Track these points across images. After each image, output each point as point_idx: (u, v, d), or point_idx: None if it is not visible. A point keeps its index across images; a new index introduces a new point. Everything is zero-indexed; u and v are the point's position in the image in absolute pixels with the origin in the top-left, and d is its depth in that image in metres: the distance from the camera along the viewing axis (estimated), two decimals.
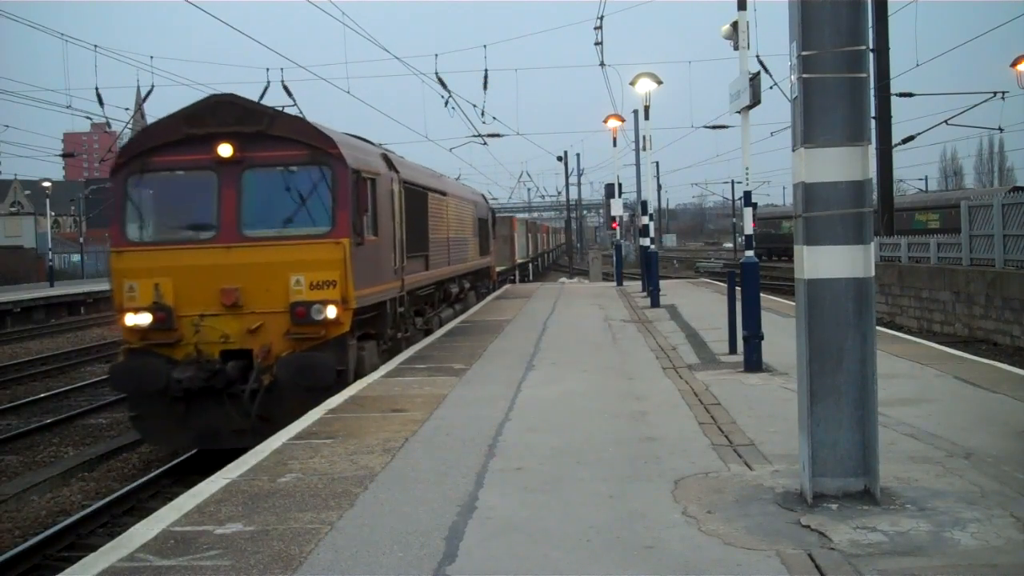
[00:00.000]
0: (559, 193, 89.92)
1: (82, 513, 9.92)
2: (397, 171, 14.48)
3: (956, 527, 5.33)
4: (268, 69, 26.18)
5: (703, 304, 21.56)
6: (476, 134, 35.49)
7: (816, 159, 5.82)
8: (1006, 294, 19.34)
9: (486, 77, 26.89)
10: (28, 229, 72.14)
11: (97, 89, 23.04)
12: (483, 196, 29.64)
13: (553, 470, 6.93)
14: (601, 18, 25.75)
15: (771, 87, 19.61)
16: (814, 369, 5.84)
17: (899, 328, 21.49)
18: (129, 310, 11.32)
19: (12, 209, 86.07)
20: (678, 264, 65.66)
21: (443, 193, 19.35)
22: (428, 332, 16.99)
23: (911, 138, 29.77)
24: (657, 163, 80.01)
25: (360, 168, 11.92)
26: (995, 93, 27.73)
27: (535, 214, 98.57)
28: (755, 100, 11.52)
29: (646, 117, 23.15)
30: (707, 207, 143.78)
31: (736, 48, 11.91)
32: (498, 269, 35.64)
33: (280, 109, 12.63)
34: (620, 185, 31.49)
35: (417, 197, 16.19)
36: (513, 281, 42.12)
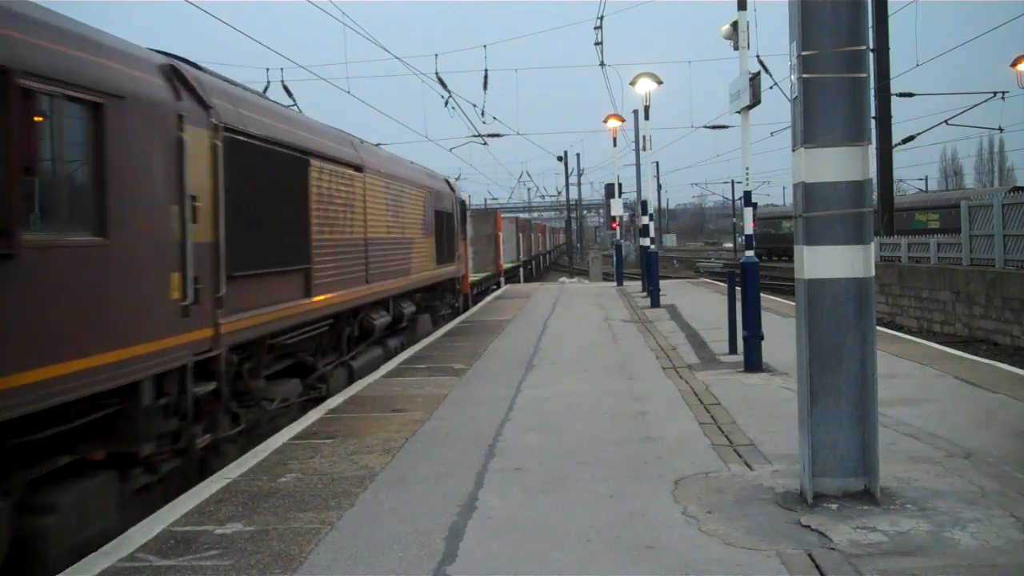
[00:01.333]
0: (559, 193, 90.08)
1: None
2: (208, 107, 7.76)
3: (956, 527, 5.33)
4: (268, 69, 26.19)
5: (703, 304, 21.56)
6: (476, 134, 35.49)
7: (816, 159, 5.82)
8: (1006, 294, 19.34)
9: (486, 77, 26.91)
10: None
11: None
12: (447, 181, 21.53)
13: (553, 470, 6.93)
14: (601, 18, 25.82)
15: (771, 87, 19.66)
16: (814, 369, 5.84)
17: (899, 328, 21.49)
18: None
19: None
20: (678, 264, 65.66)
21: (355, 167, 12.40)
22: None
23: (911, 138, 29.81)
24: (657, 163, 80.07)
25: (11, 64, 5.35)
26: (995, 93, 27.78)
27: (535, 214, 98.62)
28: (755, 100, 11.53)
29: (646, 117, 23.17)
30: (707, 207, 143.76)
31: (736, 48, 11.92)
32: (476, 277, 29.79)
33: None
34: (620, 185, 31.51)
35: (277, 165, 9.40)
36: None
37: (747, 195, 12.41)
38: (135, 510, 6.56)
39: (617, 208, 32.20)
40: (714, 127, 36.57)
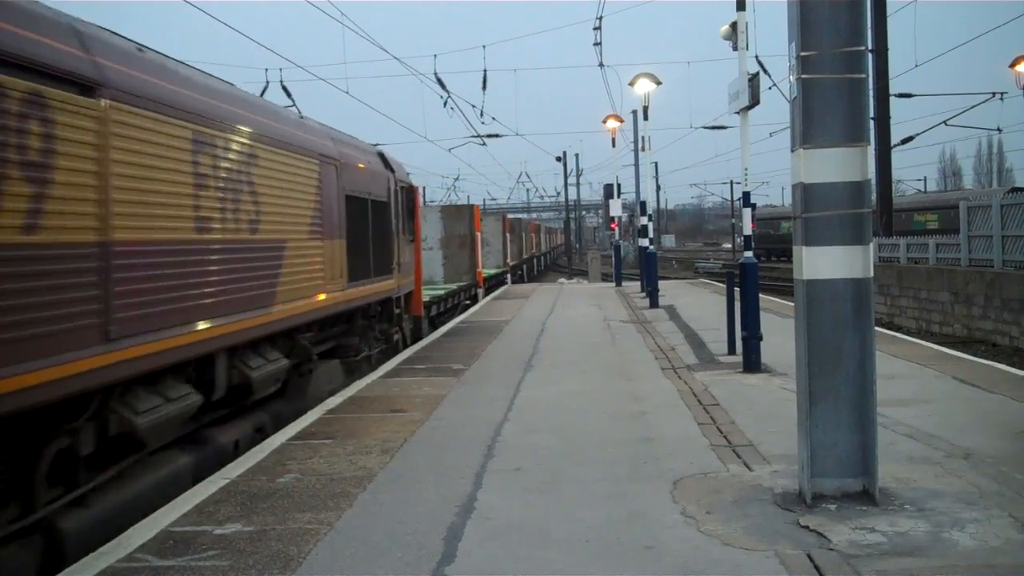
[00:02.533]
0: (558, 193, 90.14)
1: None
2: None
3: (955, 528, 5.33)
4: (267, 69, 26.24)
5: (702, 305, 21.57)
6: (475, 134, 35.53)
7: (815, 160, 5.82)
8: (1005, 295, 19.35)
9: (485, 77, 26.95)
10: None
11: None
12: (381, 156, 14.98)
13: (552, 470, 6.93)
14: (600, 18, 25.85)
15: (770, 87, 19.73)
16: (813, 370, 5.84)
17: (898, 329, 21.50)
18: None
19: None
20: (677, 264, 65.68)
21: (77, 84, 5.92)
22: None
23: (910, 139, 29.83)
24: (656, 163, 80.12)
25: None
26: (994, 94, 27.87)
27: (534, 214, 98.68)
28: (754, 100, 11.53)
29: (645, 117, 23.18)
30: (706, 208, 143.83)
31: (735, 48, 11.92)
32: (439, 291, 23.33)
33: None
34: (619, 185, 31.61)
35: None
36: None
37: (746, 196, 12.41)
38: None
39: (616, 208, 32.25)
40: (713, 127, 36.70)
